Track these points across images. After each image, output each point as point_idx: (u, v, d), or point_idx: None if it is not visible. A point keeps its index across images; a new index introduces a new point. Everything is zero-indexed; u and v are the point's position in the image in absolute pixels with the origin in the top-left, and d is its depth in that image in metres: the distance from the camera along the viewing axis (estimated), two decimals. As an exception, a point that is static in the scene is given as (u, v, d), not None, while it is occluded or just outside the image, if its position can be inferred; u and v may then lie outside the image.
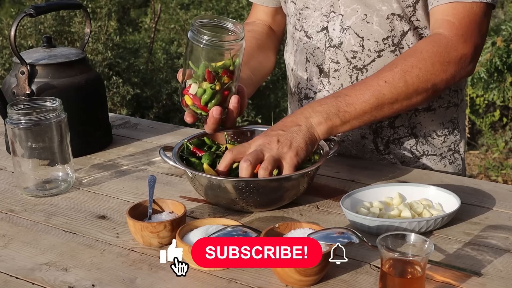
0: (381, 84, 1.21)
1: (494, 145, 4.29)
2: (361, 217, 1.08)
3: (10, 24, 4.48)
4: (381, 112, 1.22)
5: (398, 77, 1.21)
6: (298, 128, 1.17)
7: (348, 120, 1.20)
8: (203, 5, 6.00)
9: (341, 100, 1.20)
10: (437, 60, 1.22)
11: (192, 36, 1.17)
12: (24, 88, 1.43)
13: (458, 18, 1.25)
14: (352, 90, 1.22)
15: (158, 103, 4.50)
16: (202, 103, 1.20)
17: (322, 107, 1.19)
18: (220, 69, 1.18)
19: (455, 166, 1.48)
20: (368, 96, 1.20)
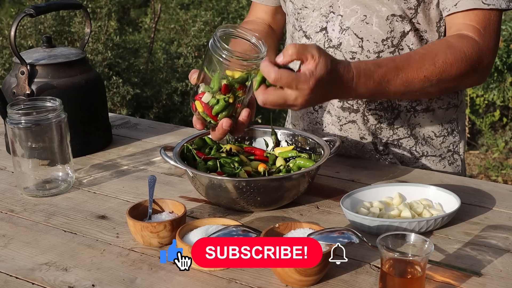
0: (420, 78, 1.20)
1: (494, 145, 4.29)
2: (361, 217, 1.08)
3: (10, 24, 4.48)
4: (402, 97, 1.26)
5: (436, 73, 1.21)
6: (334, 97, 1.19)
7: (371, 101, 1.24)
8: (203, 5, 5.99)
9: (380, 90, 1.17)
10: (470, 65, 1.23)
11: (213, 46, 1.12)
12: (24, 88, 1.43)
13: (483, 26, 1.25)
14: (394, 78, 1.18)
15: (158, 103, 4.50)
16: (213, 113, 1.16)
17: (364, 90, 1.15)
18: (237, 84, 1.14)
19: (455, 167, 1.48)
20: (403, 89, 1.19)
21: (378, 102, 1.39)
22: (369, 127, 1.42)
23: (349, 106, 1.41)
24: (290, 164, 1.25)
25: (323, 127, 1.46)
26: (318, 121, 1.46)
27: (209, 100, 1.16)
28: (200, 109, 1.17)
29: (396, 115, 1.41)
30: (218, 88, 1.14)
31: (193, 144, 1.30)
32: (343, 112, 1.42)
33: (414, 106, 1.40)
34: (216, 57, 1.12)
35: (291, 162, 1.25)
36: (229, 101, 1.14)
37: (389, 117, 1.41)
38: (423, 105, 1.41)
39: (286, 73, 1.04)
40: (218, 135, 1.20)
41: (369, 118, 1.41)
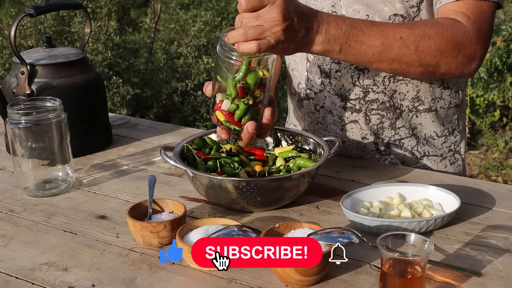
0: (396, 38, 1.19)
1: (494, 145, 4.29)
2: (361, 217, 1.08)
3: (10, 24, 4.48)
4: (379, 63, 1.21)
5: (413, 39, 1.19)
6: (305, 35, 1.11)
7: (346, 54, 1.17)
8: (203, 5, 6.00)
9: (354, 33, 1.16)
10: (452, 43, 1.21)
11: (220, 50, 1.12)
12: (24, 88, 1.43)
13: (473, 14, 1.24)
14: (368, 28, 1.18)
15: (158, 103, 4.50)
16: (236, 119, 1.15)
17: (335, 31, 1.15)
18: (252, 84, 1.13)
19: (456, 167, 1.48)
20: (378, 43, 1.18)
21: (380, 102, 1.39)
22: (371, 127, 1.42)
23: (351, 106, 1.41)
24: (290, 164, 1.25)
25: (324, 127, 1.46)
26: (319, 121, 1.46)
27: (229, 106, 1.14)
28: (222, 118, 1.16)
29: (398, 115, 1.41)
30: (235, 93, 1.13)
31: (193, 144, 1.30)
32: (345, 112, 1.42)
33: (416, 106, 1.40)
34: (226, 61, 1.11)
35: (291, 162, 1.25)
36: (249, 103, 1.14)
37: (391, 117, 1.41)
38: (425, 104, 1.41)
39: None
40: (246, 141, 1.18)
41: (371, 118, 1.41)
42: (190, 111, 4.51)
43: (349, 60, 1.20)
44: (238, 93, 1.12)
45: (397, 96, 1.39)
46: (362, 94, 1.39)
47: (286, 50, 1.11)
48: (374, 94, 1.39)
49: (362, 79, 1.38)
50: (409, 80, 1.38)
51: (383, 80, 1.38)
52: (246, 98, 1.13)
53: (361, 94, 1.39)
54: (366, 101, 1.40)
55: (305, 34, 1.12)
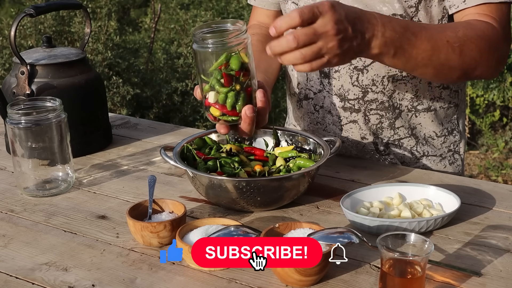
0: (443, 41, 1.16)
1: (494, 145, 4.29)
2: (361, 217, 1.08)
3: (10, 24, 4.48)
4: (424, 68, 1.17)
5: (458, 42, 1.17)
6: (361, 40, 1.07)
7: (399, 58, 1.13)
8: (203, 5, 5.99)
9: (408, 36, 1.13)
10: (489, 45, 1.20)
11: (196, 45, 1.14)
12: (24, 88, 1.44)
13: (498, 15, 1.24)
14: (419, 31, 1.15)
15: (158, 103, 4.50)
16: (229, 107, 1.15)
17: (392, 33, 1.10)
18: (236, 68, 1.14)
19: (455, 167, 1.48)
20: (429, 47, 1.15)
21: (380, 102, 1.39)
22: (370, 127, 1.42)
23: (350, 106, 1.41)
24: (290, 164, 1.25)
25: (324, 127, 1.46)
26: (319, 121, 1.46)
27: (217, 97, 1.15)
28: (218, 113, 1.17)
29: (397, 115, 1.41)
30: (219, 83, 1.14)
31: (193, 144, 1.30)
32: (344, 112, 1.42)
33: (415, 105, 1.40)
34: (204, 52, 1.13)
35: (291, 162, 1.25)
36: (237, 89, 1.14)
37: (390, 117, 1.41)
38: (424, 104, 1.41)
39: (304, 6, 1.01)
40: (248, 127, 1.16)
41: (370, 118, 1.41)
42: (190, 111, 4.51)
43: (397, 65, 1.16)
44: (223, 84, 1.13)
45: (396, 96, 1.39)
46: (361, 94, 1.39)
47: (343, 61, 1.07)
48: (373, 94, 1.39)
49: (361, 79, 1.38)
50: (408, 80, 1.38)
51: (382, 80, 1.38)
52: (232, 85, 1.14)
53: (360, 94, 1.39)
54: (365, 101, 1.40)
55: (360, 41, 1.07)
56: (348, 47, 1.05)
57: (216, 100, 1.16)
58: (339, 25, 1.03)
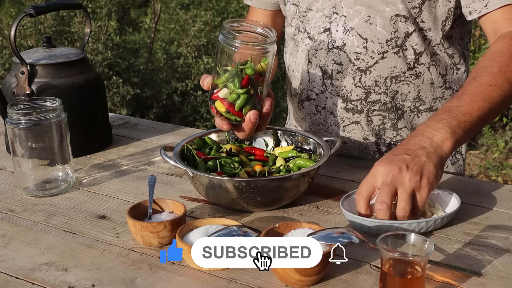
0: (487, 88, 1.17)
1: (494, 145, 4.29)
2: (361, 218, 1.08)
3: (10, 24, 4.48)
4: (493, 115, 1.19)
5: (501, 78, 1.18)
6: (424, 151, 1.08)
7: (468, 131, 1.14)
8: (203, 5, 6.00)
9: (457, 112, 1.14)
10: None
11: (224, 40, 1.13)
12: (24, 88, 1.44)
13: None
14: (462, 100, 1.16)
15: (158, 103, 4.50)
16: (237, 108, 1.15)
17: (441, 122, 1.12)
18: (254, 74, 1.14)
19: (457, 167, 1.48)
20: (481, 103, 1.15)
21: (382, 103, 1.39)
22: (373, 127, 1.42)
23: (353, 107, 1.41)
24: (290, 164, 1.25)
25: (325, 128, 1.46)
26: (321, 122, 1.46)
27: (228, 95, 1.15)
28: (223, 109, 1.16)
29: (399, 116, 1.41)
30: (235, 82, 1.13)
31: (193, 144, 1.30)
32: (347, 113, 1.42)
33: (417, 106, 1.40)
34: (228, 49, 1.12)
35: (291, 162, 1.25)
36: (250, 93, 1.14)
37: (392, 118, 1.41)
38: (427, 105, 1.40)
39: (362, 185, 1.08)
40: (248, 131, 1.18)
41: (372, 119, 1.41)
42: (190, 111, 4.52)
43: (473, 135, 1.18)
44: (242, 83, 1.13)
45: (399, 97, 1.39)
46: (364, 95, 1.39)
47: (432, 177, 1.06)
48: (376, 95, 1.39)
49: (364, 80, 1.38)
50: (411, 81, 1.38)
51: (384, 81, 1.37)
52: (248, 88, 1.14)
53: (362, 95, 1.39)
54: (368, 102, 1.40)
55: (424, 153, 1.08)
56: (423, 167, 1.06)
57: (227, 97, 1.16)
58: (392, 164, 1.06)
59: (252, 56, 1.14)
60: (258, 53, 1.14)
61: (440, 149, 1.09)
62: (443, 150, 1.10)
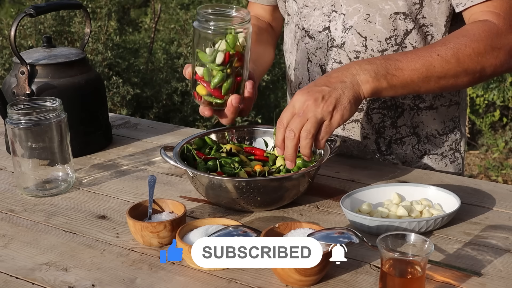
0: (433, 56, 1.19)
1: (494, 145, 4.29)
2: (361, 217, 1.08)
3: (10, 24, 4.48)
4: (427, 84, 1.20)
5: (451, 53, 1.19)
6: (343, 84, 1.13)
7: (394, 85, 1.17)
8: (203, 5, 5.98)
9: (391, 63, 1.17)
10: (489, 44, 1.21)
11: (198, 24, 1.15)
12: (24, 88, 1.43)
13: (502, 10, 1.24)
14: (403, 56, 1.19)
15: (158, 103, 4.50)
16: (212, 86, 1.16)
17: (371, 65, 1.16)
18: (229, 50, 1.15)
19: (456, 165, 1.48)
20: (418, 65, 1.18)
21: (382, 101, 1.39)
22: (373, 126, 1.42)
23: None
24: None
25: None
26: (320, 121, 1.46)
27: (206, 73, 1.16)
28: (204, 91, 1.18)
29: (399, 114, 1.41)
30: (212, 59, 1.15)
31: (193, 144, 1.30)
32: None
33: (417, 104, 1.40)
34: (204, 33, 1.14)
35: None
36: (227, 72, 1.15)
37: (392, 116, 1.41)
38: (426, 102, 1.41)
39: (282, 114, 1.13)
40: (230, 115, 1.19)
41: (372, 117, 1.41)
42: (190, 111, 4.51)
43: (399, 92, 1.20)
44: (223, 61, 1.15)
45: (398, 94, 1.39)
46: None
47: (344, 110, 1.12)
48: None
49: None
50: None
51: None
52: (225, 66, 1.16)
53: None
54: (368, 100, 1.40)
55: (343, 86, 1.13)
56: (337, 100, 1.12)
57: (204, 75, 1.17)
58: (311, 94, 1.11)
59: (227, 36, 1.15)
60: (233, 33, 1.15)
61: (358, 87, 1.14)
62: (361, 90, 1.15)
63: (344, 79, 1.14)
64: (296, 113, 1.11)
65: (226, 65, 1.16)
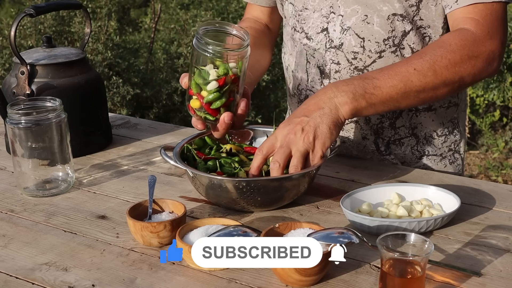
0: (410, 71, 1.20)
1: (494, 145, 4.29)
2: (361, 217, 1.08)
3: (10, 24, 4.48)
4: (407, 100, 1.21)
5: (428, 66, 1.20)
6: (321, 111, 1.15)
7: (374, 103, 1.18)
8: (203, 5, 5.99)
9: (368, 82, 1.18)
10: (466, 54, 1.22)
11: (197, 44, 1.16)
12: (24, 88, 1.43)
13: (482, 16, 1.25)
14: (380, 73, 1.20)
15: (158, 103, 4.50)
16: (205, 101, 1.18)
17: (348, 86, 1.17)
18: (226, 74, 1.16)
19: (455, 166, 1.48)
20: (396, 82, 1.19)
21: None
22: (371, 126, 1.42)
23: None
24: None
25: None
26: (319, 122, 1.46)
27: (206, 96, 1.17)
28: (197, 105, 1.19)
29: (398, 114, 1.41)
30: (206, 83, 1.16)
31: (193, 144, 1.30)
32: (345, 112, 1.42)
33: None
34: (202, 54, 1.14)
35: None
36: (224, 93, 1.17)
37: (391, 116, 1.41)
38: (425, 104, 1.41)
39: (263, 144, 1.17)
40: (222, 131, 1.21)
41: (371, 118, 1.41)
42: (190, 111, 4.51)
43: (379, 110, 1.21)
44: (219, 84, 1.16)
45: (397, 96, 1.39)
46: None
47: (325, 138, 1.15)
48: None
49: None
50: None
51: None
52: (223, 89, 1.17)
53: None
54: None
55: (321, 113, 1.16)
56: (316, 129, 1.14)
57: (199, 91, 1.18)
58: (291, 127, 1.15)
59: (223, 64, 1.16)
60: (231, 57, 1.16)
61: (337, 110, 1.16)
62: (340, 113, 1.16)
63: (321, 105, 1.16)
64: (279, 145, 1.14)
65: (222, 87, 1.17)
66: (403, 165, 1.45)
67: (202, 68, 1.17)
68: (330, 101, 1.16)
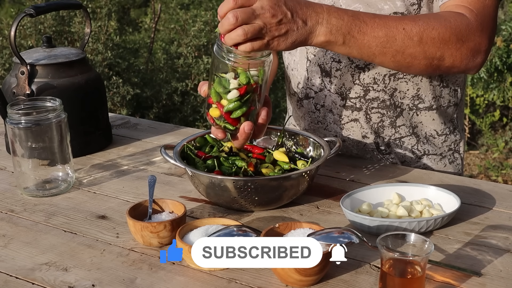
0: (399, 29, 1.18)
1: (494, 145, 4.29)
2: (361, 217, 1.08)
3: (10, 24, 4.48)
4: (383, 56, 1.19)
5: (416, 30, 1.18)
6: (303, 24, 1.10)
7: (350, 45, 1.16)
8: (203, 5, 6.00)
9: (357, 24, 1.15)
10: (455, 34, 1.20)
11: (217, 51, 1.10)
12: (24, 88, 1.44)
13: (476, 8, 1.24)
14: (371, 19, 1.17)
15: (158, 103, 4.50)
16: (225, 110, 1.11)
17: (337, 20, 1.14)
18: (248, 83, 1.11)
19: (455, 166, 1.48)
20: (381, 34, 1.17)
21: (381, 100, 1.39)
22: (372, 125, 1.42)
23: (351, 104, 1.41)
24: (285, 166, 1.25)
25: (325, 126, 1.46)
26: (320, 120, 1.46)
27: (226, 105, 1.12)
28: (217, 114, 1.13)
29: (398, 113, 1.41)
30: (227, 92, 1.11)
31: (195, 142, 1.30)
32: (346, 110, 1.42)
33: (416, 104, 1.40)
34: (223, 61, 1.10)
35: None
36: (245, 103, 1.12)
37: (391, 115, 1.41)
38: (426, 103, 1.41)
39: None
40: (242, 141, 1.15)
41: (371, 117, 1.41)
42: (190, 111, 4.52)
43: (352, 53, 1.18)
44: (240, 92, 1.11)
45: (398, 94, 1.39)
46: (363, 93, 1.39)
47: (285, 46, 1.10)
48: (375, 92, 1.39)
49: (363, 78, 1.38)
50: (409, 78, 1.38)
51: (383, 78, 1.38)
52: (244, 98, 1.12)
53: (361, 92, 1.39)
54: (367, 99, 1.40)
55: (302, 27, 1.10)
56: (288, 32, 1.08)
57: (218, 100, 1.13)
58: (276, 9, 1.06)
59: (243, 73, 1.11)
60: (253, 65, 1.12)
61: (312, 35, 1.12)
62: (312, 39, 1.12)
63: (307, 21, 1.11)
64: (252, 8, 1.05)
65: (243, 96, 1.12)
66: (403, 164, 1.45)
67: (222, 75, 1.11)
68: (315, 24, 1.12)
